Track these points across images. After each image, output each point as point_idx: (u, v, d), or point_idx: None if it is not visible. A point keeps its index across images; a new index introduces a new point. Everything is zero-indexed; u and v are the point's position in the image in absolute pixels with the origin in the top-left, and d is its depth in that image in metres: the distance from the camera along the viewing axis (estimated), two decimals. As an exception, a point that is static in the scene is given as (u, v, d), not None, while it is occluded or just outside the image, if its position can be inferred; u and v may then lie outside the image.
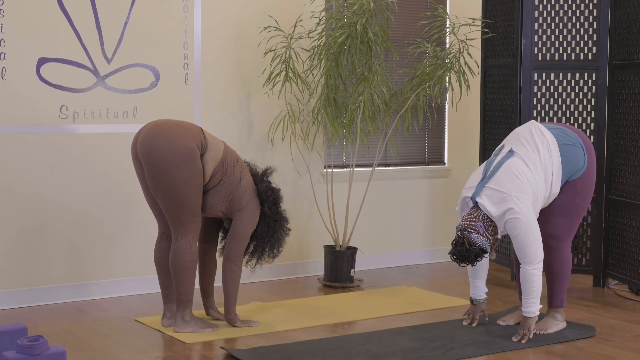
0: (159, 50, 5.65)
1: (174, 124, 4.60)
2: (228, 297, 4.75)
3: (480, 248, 4.42)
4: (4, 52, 5.17)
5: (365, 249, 6.49)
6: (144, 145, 4.50)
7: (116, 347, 4.47)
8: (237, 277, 4.74)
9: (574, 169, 4.67)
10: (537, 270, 4.49)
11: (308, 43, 6.05)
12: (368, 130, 6.02)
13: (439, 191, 6.91)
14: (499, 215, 4.46)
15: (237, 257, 4.71)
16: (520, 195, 4.45)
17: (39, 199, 5.32)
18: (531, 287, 4.52)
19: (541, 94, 5.98)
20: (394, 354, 4.33)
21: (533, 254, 4.47)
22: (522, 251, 4.48)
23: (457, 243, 4.43)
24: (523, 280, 4.54)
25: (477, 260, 4.45)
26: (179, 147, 4.47)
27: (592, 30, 5.90)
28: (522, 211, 4.42)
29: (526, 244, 4.46)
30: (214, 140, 4.65)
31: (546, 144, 4.61)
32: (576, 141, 4.69)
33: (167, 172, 4.46)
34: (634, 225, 5.64)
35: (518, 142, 4.66)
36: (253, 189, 4.73)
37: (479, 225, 4.44)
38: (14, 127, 5.23)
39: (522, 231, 4.44)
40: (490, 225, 4.48)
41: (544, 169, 4.57)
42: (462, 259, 4.44)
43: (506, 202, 4.44)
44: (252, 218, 4.71)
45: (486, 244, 4.43)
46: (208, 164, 4.58)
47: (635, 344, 4.61)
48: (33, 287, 5.32)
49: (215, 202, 4.65)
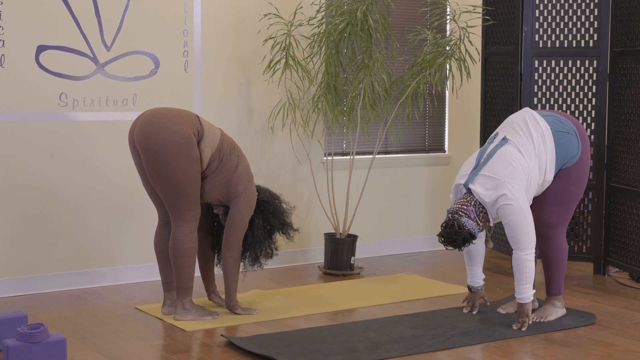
0: (158, 37, 5.63)
1: (170, 111, 4.59)
2: (229, 285, 4.75)
3: (469, 232, 4.41)
4: (3, 39, 5.15)
5: (366, 237, 6.48)
6: (141, 134, 4.49)
7: (116, 334, 4.47)
8: (237, 265, 4.74)
9: (568, 157, 4.66)
10: (530, 256, 4.49)
11: (308, 30, 6.03)
12: (368, 118, 6.01)
13: (439, 179, 6.91)
14: (492, 202, 4.46)
15: (236, 244, 4.70)
16: (513, 182, 4.44)
17: (38, 187, 5.31)
18: (524, 273, 4.51)
19: (542, 81, 5.97)
20: (395, 342, 4.33)
21: (526, 241, 4.47)
22: (515, 237, 4.48)
23: (446, 225, 4.44)
24: (516, 266, 4.53)
25: (464, 244, 4.44)
26: (176, 135, 4.46)
27: (593, 17, 5.87)
28: (515, 197, 4.42)
29: (519, 230, 4.45)
30: (210, 127, 4.64)
31: (540, 131, 4.61)
32: (570, 129, 4.69)
33: (165, 160, 4.45)
34: (634, 212, 5.63)
35: (512, 130, 4.65)
36: (249, 176, 4.72)
37: (470, 209, 4.44)
38: (13, 115, 5.22)
39: (514, 218, 4.44)
40: (481, 212, 4.48)
41: (537, 157, 4.57)
42: (450, 242, 4.43)
43: (499, 189, 4.43)
44: (249, 205, 4.70)
45: (475, 229, 4.43)
46: (205, 151, 4.58)
47: (636, 331, 4.61)
48: (33, 275, 5.32)
49: (212, 189, 4.64)
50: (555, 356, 4.18)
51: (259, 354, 4.09)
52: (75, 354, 4.13)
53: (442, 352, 4.23)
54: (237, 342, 4.25)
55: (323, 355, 4.09)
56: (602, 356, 4.19)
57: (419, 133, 6.85)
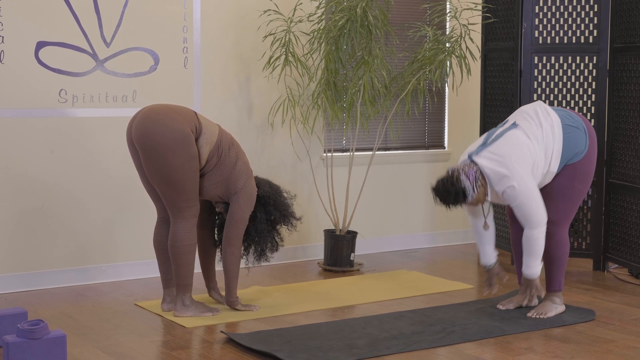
0: (158, 33, 5.62)
1: (168, 108, 4.58)
2: (229, 280, 4.75)
3: (463, 190, 4.42)
4: (2, 35, 5.15)
5: (365, 233, 6.49)
6: (139, 131, 4.49)
7: (116, 331, 4.47)
8: (237, 260, 4.74)
9: (575, 151, 4.67)
10: (542, 233, 4.53)
11: (308, 26, 6.03)
12: (368, 114, 6.01)
13: (439, 175, 6.87)
14: (496, 179, 4.47)
15: (237, 240, 4.71)
16: (520, 162, 4.46)
17: (38, 183, 5.31)
18: (535, 250, 4.55)
19: (542, 77, 5.97)
20: (394, 338, 4.33)
21: (538, 220, 4.51)
22: (526, 218, 4.51)
23: (443, 177, 4.49)
24: (527, 243, 4.56)
25: (454, 203, 4.45)
26: (174, 132, 4.45)
27: (593, 13, 5.87)
28: (520, 178, 4.44)
29: (530, 211, 4.48)
30: (208, 123, 4.64)
31: (550, 122, 4.63)
32: (580, 125, 4.70)
33: (163, 157, 4.45)
34: (634, 208, 5.64)
35: (522, 118, 4.68)
36: (249, 172, 4.72)
37: (471, 172, 4.47)
38: (13, 111, 5.22)
39: (523, 199, 4.46)
40: (480, 180, 4.49)
41: (545, 145, 4.58)
42: (442, 195, 4.45)
43: (504, 167, 4.45)
44: (249, 201, 4.70)
45: (470, 191, 4.44)
46: (203, 148, 4.57)
47: (635, 327, 4.62)
48: (33, 271, 5.32)
49: (211, 186, 4.64)
50: (555, 352, 4.18)
51: (258, 350, 4.09)
52: (75, 350, 4.13)
53: (442, 349, 4.23)
54: (237, 338, 4.26)
55: (323, 352, 4.09)
56: (601, 352, 4.19)
57: (418, 129, 6.85)
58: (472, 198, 4.47)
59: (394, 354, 4.12)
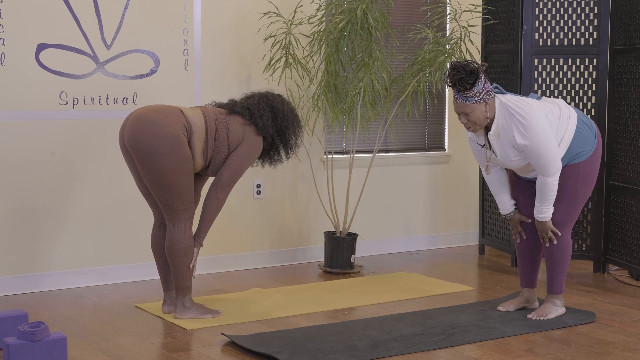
0: (158, 36, 5.63)
1: (156, 111, 4.56)
2: (203, 222, 4.71)
3: (476, 72, 4.43)
4: (3, 38, 5.15)
5: (366, 235, 6.49)
6: (131, 137, 4.50)
7: (117, 333, 4.47)
8: (219, 206, 4.71)
9: (582, 149, 4.66)
10: (556, 179, 4.59)
11: (308, 29, 6.04)
12: (368, 116, 6.01)
13: (440, 177, 6.91)
14: (511, 107, 4.50)
15: (227, 185, 4.68)
16: (540, 110, 4.52)
17: (39, 185, 5.32)
18: (549, 195, 4.60)
19: (542, 79, 5.97)
20: (395, 340, 4.33)
21: (554, 167, 4.54)
22: (542, 167, 4.54)
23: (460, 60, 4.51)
24: (541, 188, 4.60)
25: (468, 79, 4.42)
26: (166, 135, 4.46)
27: (593, 15, 5.88)
28: (539, 120, 4.47)
29: (546, 160, 4.52)
30: (193, 118, 4.61)
31: (568, 112, 4.67)
32: (592, 127, 4.74)
33: (156, 162, 4.46)
34: (634, 210, 5.64)
35: (544, 99, 4.72)
36: (243, 123, 4.71)
37: (489, 85, 4.49)
38: (13, 113, 5.22)
39: (537, 146, 4.48)
40: (490, 85, 4.51)
41: (558, 126, 4.61)
42: (458, 69, 4.44)
43: (523, 105, 4.49)
44: (251, 151, 4.69)
45: (481, 79, 4.44)
46: (197, 146, 4.58)
47: (635, 329, 4.62)
48: (33, 273, 5.32)
49: (220, 161, 4.66)
50: (555, 354, 4.18)
51: (259, 352, 4.09)
52: (76, 352, 4.13)
53: (442, 350, 4.23)
54: (238, 340, 4.26)
55: (323, 354, 4.09)
56: (602, 354, 4.19)
57: (419, 131, 6.85)
58: (478, 90, 4.44)
59: (394, 355, 4.12)
